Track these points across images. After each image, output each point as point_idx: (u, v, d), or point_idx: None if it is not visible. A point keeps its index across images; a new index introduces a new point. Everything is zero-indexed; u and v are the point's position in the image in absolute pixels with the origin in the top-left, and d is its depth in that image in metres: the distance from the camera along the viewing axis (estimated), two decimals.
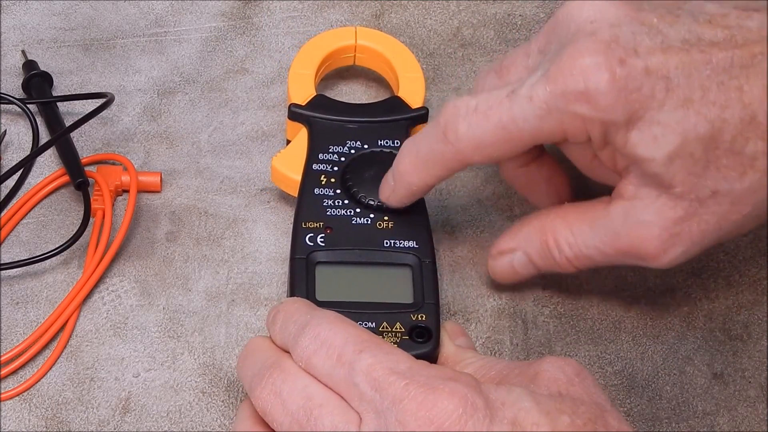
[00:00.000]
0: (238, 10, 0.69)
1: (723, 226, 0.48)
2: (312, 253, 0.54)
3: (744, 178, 0.47)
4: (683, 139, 0.46)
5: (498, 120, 0.49)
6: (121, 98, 0.64)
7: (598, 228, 0.51)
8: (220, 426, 0.52)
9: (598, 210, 0.51)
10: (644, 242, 0.49)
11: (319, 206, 0.55)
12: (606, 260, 0.52)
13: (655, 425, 0.52)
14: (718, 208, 0.48)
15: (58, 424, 0.52)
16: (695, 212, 0.48)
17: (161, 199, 0.60)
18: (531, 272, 0.54)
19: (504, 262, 0.55)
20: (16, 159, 0.62)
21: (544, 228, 0.53)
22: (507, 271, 0.55)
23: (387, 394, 0.42)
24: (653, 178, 0.48)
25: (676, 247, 0.49)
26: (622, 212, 0.50)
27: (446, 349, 0.51)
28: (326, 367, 0.44)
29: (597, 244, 0.51)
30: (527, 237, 0.53)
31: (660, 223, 0.49)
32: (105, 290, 0.57)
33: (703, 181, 0.47)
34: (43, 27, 0.68)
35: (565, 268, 0.53)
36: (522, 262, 0.54)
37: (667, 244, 0.49)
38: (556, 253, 0.52)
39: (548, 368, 0.45)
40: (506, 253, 0.54)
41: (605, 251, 0.51)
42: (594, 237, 0.51)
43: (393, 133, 0.58)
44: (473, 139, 0.50)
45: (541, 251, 0.53)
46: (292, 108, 0.59)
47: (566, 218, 0.52)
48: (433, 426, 0.41)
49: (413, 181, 0.53)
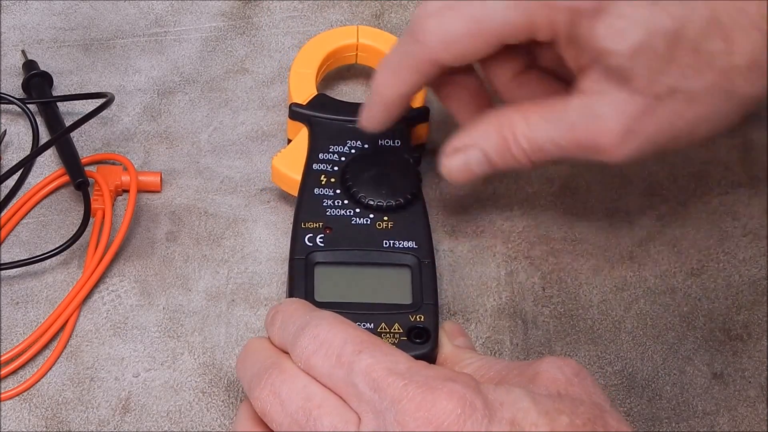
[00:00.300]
0: (238, 10, 0.69)
1: (677, 124, 0.49)
2: (311, 254, 0.54)
3: (701, 77, 0.48)
4: (648, 33, 0.47)
5: (468, 13, 0.50)
6: (121, 98, 0.64)
7: (555, 121, 0.51)
8: (220, 426, 0.52)
9: (557, 104, 0.51)
10: (600, 135, 0.50)
11: (318, 206, 0.55)
12: (562, 153, 0.51)
13: (655, 425, 0.52)
14: (675, 105, 0.48)
15: (58, 424, 0.52)
16: (652, 108, 0.49)
17: (161, 199, 0.60)
18: (485, 170, 0.53)
19: (459, 159, 0.53)
20: (16, 159, 0.62)
21: (501, 123, 0.52)
22: (461, 170, 0.54)
23: (386, 394, 0.42)
24: (615, 71, 0.48)
25: (632, 141, 0.50)
26: (580, 106, 0.50)
27: (445, 350, 0.51)
28: (325, 368, 0.44)
29: (553, 136, 0.51)
30: (484, 133, 0.53)
31: (617, 117, 0.49)
32: (105, 290, 0.57)
33: (663, 78, 0.48)
34: (43, 27, 0.68)
35: (521, 164, 0.52)
36: (478, 160, 0.53)
37: (623, 138, 0.49)
38: (513, 147, 0.52)
39: (547, 368, 0.45)
40: (461, 151, 0.53)
41: (561, 144, 0.51)
42: (551, 129, 0.51)
43: (393, 133, 0.58)
44: (443, 34, 0.50)
45: (498, 146, 0.52)
46: (293, 107, 0.59)
47: (524, 113, 0.52)
48: (431, 426, 0.41)
49: (387, 93, 0.53)
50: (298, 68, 0.61)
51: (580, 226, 0.59)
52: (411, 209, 0.55)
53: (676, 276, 0.57)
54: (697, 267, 0.58)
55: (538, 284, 0.57)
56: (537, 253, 0.58)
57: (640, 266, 0.58)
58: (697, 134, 0.50)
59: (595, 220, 0.60)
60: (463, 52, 0.51)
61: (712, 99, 0.49)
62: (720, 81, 0.48)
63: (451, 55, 0.51)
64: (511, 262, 0.58)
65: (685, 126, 0.49)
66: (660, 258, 0.58)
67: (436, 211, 0.60)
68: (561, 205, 0.60)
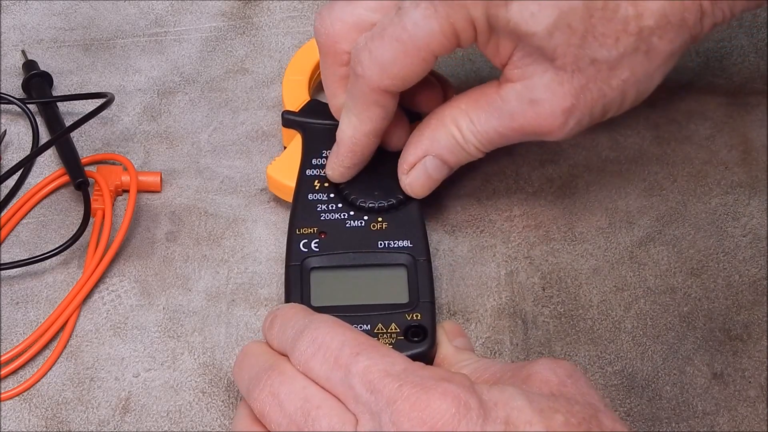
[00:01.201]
0: (238, 10, 0.69)
1: (607, 93, 0.51)
2: (306, 259, 0.54)
3: (618, 44, 0.49)
4: (560, 12, 0.49)
5: (392, 36, 0.51)
6: (121, 98, 0.64)
7: (493, 111, 0.53)
8: (220, 426, 0.52)
9: (489, 95, 0.53)
10: (540, 119, 0.52)
11: (312, 211, 0.55)
12: (508, 141, 0.54)
13: (655, 425, 0.52)
14: (600, 75, 0.50)
15: (58, 424, 0.52)
16: (580, 83, 0.51)
17: (161, 199, 0.60)
18: (444, 174, 0.55)
19: (418, 172, 0.55)
20: (16, 159, 0.62)
21: (444, 122, 0.54)
22: (423, 181, 0.55)
23: (381, 395, 0.42)
24: (537, 52, 0.50)
25: (570, 119, 0.52)
26: (513, 94, 0.52)
27: (444, 350, 0.51)
28: (323, 370, 0.44)
29: (496, 126, 0.53)
30: (431, 138, 0.55)
31: (551, 99, 0.51)
32: (105, 290, 0.57)
33: (583, 51, 0.49)
34: (43, 27, 0.68)
35: (473, 155, 0.55)
36: (435, 165, 0.55)
37: (562, 118, 0.52)
38: (462, 142, 0.54)
39: (540, 370, 0.45)
40: (417, 163, 0.55)
41: (505, 133, 0.53)
42: (492, 120, 0.53)
43: None
44: (377, 63, 0.51)
45: (450, 146, 0.54)
46: (285, 115, 0.59)
47: (461, 107, 0.54)
48: (426, 426, 0.41)
49: (351, 134, 0.54)
50: (290, 75, 0.61)
51: (580, 226, 0.59)
52: (404, 209, 0.55)
53: (676, 276, 0.57)
54: (697, 267, 0.58)
55: (538, 284, 0.57)
56: (537, 253, 0.58)
57: (640, 266, 0.58)
58: (628, 99, 0.52)
59: (595, 220, 0.60)
60: (402, 74, 0.52)
61: (633, 63, 0.50)
62: (636, 44, 0.50)
63: (392, 80, 0.52)
64: (511, 262, 0.58)
65: (614, 93, 0.51)
66: (660, 258, 0.58)
67: (435, 210, 0.60)
68: (561, 205, 0.60)
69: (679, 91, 0.65)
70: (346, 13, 0.54)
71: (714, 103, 0.64)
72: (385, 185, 0.56)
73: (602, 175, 0.61)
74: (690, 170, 0.62)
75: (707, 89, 0.65)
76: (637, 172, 0.61)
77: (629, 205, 0.60)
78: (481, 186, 0.61)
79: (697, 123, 0.64)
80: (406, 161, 0.55)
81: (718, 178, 0.61)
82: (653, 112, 0.64)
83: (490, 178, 0.61)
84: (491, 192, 0.61)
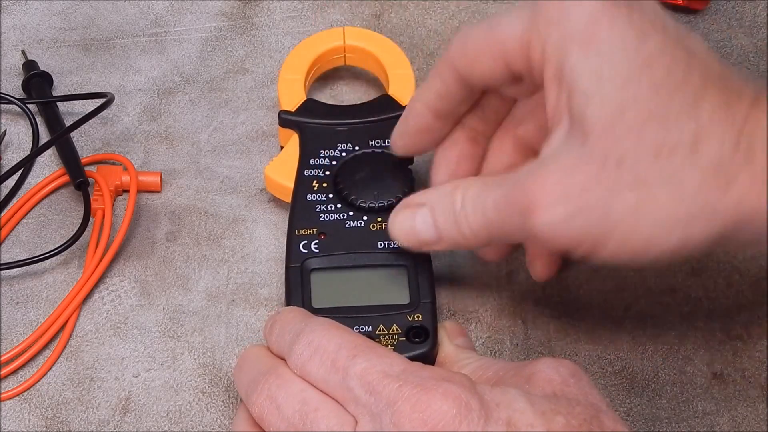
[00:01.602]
0: (238, 10, 0.69)
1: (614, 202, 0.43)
2: (306, 261, 0.54)
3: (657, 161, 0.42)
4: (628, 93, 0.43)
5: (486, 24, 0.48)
6: (121, 98, 0.64)
7: (505, 180, 0.46)
8: (220, 426, 0.52)
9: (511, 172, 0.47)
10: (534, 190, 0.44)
11: (312, 212, 0.55)
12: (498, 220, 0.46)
13: (655, 425, 0.52)
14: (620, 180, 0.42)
15: (58, 424, 0.52)
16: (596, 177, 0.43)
17: (161, 199, 0.60)
18: (430, 238, 0.49)
19: (405, 217, 0.50)
20: (16, 159, 0.62)
21: (455, 187, 0.49)
22: (406, 228, 0.50)
23: (381, 396, 0.42)
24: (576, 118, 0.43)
25: (560, 205, 0.43)
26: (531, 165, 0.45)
27: (445, 349, 0.51)
28: (321, 373, 0.44)
29: (494, 198, 0.46)
30: (439, 194, 0.49)
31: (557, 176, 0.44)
32: (105, 290, 0.57)
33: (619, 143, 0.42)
34: (43, 27, 0.68)
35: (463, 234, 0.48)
36: (424, 220, 0.49)
37: (553, 197, 0.43)
38: (457, 211, 0.48)
39: (543, 369, 0.45)
40: (411, 208, 0.50)
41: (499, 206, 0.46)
42: (495, 192, 0.47)
43: (383, 133, 0.58)
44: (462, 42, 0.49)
45: (445, 210, 0.48)
46: (282, 115, 0.59)
47: (479, 180, 0.49)
48: (427, 427, 0.41)
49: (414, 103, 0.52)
50: (286, 75, 0.61)
51: None
52: None
53: (676, 276, 0.57)
54: (698, 267, 0.58)
55: (538, 284, 0.57)
56: None
57: None
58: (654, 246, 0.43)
59: None
60: (476, 61, 0.48)
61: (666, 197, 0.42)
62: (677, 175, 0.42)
63: (466, 63, 0.49)
64: (511, 262, 0.58)
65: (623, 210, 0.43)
66: None
67: None
68: None
69: None
70: None
71: None
72: (384, 185, 0.56)
73: None
74: None
75: None
76: None
77: None
78: None
79: None
80: (406, 201, 0.51)
81: None
82: None
83: None
84: None
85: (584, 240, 0.44)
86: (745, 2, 0.68)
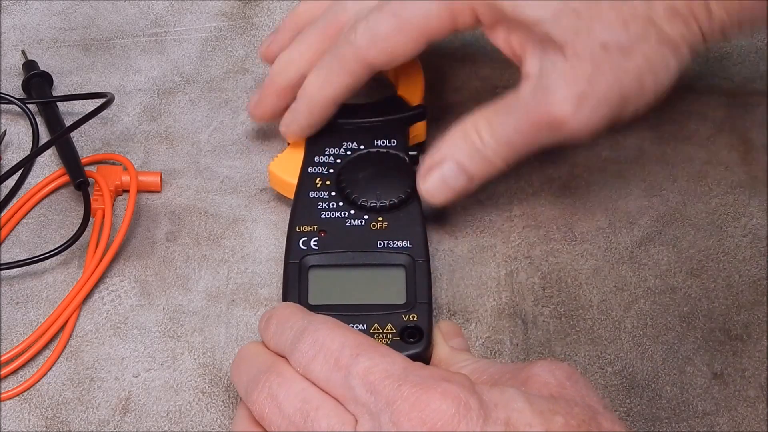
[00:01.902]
0: (238, 10, 0.69)
1: (622, 79, 0.51)
2: (305, 257, 0.54)
3: (628, 28, 0.50)
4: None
5: (391, 11, 0.52)
6: (121, 98, 0.64)
7: (511, 110, 0.53)
8: (220, 426, 0.52)
9: (510, 97, 0.53)
10: (554, 106, 0.51)
11: (313, 209, 0.55)
12: (525, 142, 0.53)
13: (655, 425, 0.52)
14: (612, 60, 0.50)
15: (58, 424, 0.52)
16: (593, 68, 0.50)
17: (161, 199, 0.60)
18: (463, 184, 0.54)
19: (435, 178, 0.55)
20: (16, 159, 0.62)
21: (466, 129, 0.54)
22: (440, 188, 0.55)
23: (381, 396, 0.42)
24: (547, 41, 0.51)
25: (585, 105, 0.51)
26: (530, 88, 0.52)
27: (440, 351, 0.51)
28: (324, 372, 0.44)
29: (514, 124, 0.53)
30: (452, 144, 0.54)
31: (565, 85, 0.51)
32: (105, 290, 0.57)
33: (593, 36, 0.50)
34: (43, 27, 0.68)
35: (494, 165, 0.54)
36: (453, 172, 0.54)
37: (577, 104, 0.51)
38: (482, 148, 0.53)
39: (539, 372, 0.45)
40: (435, 167, 0.54)
41: (522, 129, 0.52)
42: (509, 119, 0.53)
43: (389, 133, 0.58)
44: (370, 33, 0.53)
45: (469, 152, 0.54)
46: None
47: (483, 114, 0.54)
48: (426, 426, 0.41)
49: (316, 95, 0.55)
50: None
51: (580, 226, 0.59)
52: (406, 209, 0.55)
53: (676, 276, 0.57)
54: (697, 267, 0.58)
55: (538, 284, 0.57)
56: (537, 253, 0.58)
57: (640, 266, 0.58)
58: (647, 88, 0.52)
59: (595, 220, 0.60)
60: (391, 49, 0.53)
61: (645, 49, 0.50)
62: (646, 29, 0.50)
63: (379, 53, 0.53)
64: (511, 262, 0.58)
65: (630, 80, 0.51)
66: (660, 258, 0.58)
67: (435, 210, 0.59)
68: (561, 205, 0.60)
69: (679, 91, 0.65)
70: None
71: (714, 103, 0.64)
72: (386, 184, 0.56)
73: (602, 175, 0.61)
74: (690, 170, 0.62)
75: (707, 89, 0.65)
76: (637, 172, 0.61)
77: (629, 205, 0.60)
78: (481, 186, 0.61)
79: (697, 123, 0.64)
80: (426, 164, 0.55)
81: (718, 178, 0.61)
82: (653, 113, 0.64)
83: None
84: (491, 192, 0.61)
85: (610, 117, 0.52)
86: None
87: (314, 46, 0.57)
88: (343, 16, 0.56)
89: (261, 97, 0.59)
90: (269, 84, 0.59)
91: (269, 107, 0.59)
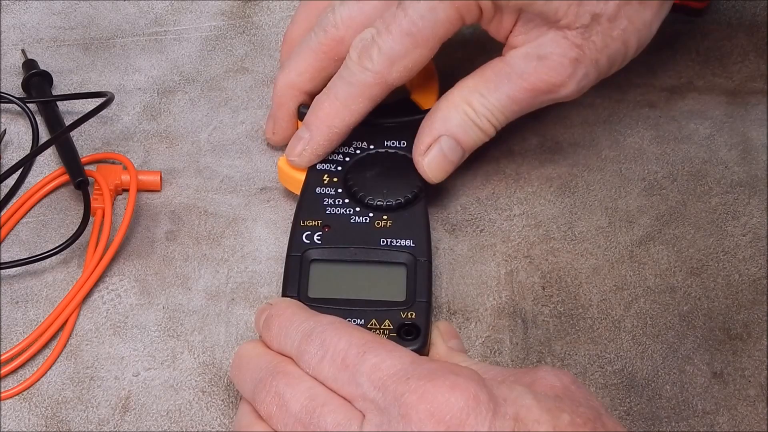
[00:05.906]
0: (238, 10, 0.69)
1: (610, 43, 0.54)
2: (307, 251, 0.54)
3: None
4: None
5: (401, 30, 0.53)
6: (121, 97, 0.64)
7: (502, 78, 0.55)
8: (220, 425, 0.52)
9: (496, 67, 0.55)
10: (550, 72, 0.54)
11: (318, 205, 0.56)
12: (520, 107, 0.55)
13: (655, 425, 0.52)
14: (601, 27, 0.53)
15: (57, 423, 0.52)
16: (584, 36, 0.53)
17: (161, 198, 0.60)
18: (459, 156, 0.56)
19: (433, 154, 0.56)
20: (15, 158, 0.62)
21: (455, 102, 0.55)
22: (439, 162, 0.56)
23: (389, 390, 0.42)
24: (539, 17, 0.53)
25: (578, 69, 0.54)
26: (520, 56, 0.54)
27: (438, 349, 0.51)
28: (331, 372, 0.44)
29: (507, 92, 0.55)
30: (444, 118, 0.56)
31: (558, 51, 0.54)
32: (105, 289, 0.57)
33: (583, 8, 0.52)
34: (43, 26, 0.68)
35: (488, 132, 0.56)
36: (450, 145, 0.56)
37: (570, 68, 0.54)
38: (475, 118, 0.55)
39: (545, 375, 0.45)
40: (433, 144, 0.56)
41: (517, 96, 0.55)
42: (502, 87, 0.55)
43: (400, 134, 0.58)
44: (386, 57, 0.54)
45: (463, 124, 0.55)
46: (301, 109, 0.59)
47: (469, 86, 0.55)
48: (434, 419, 0.41)
49: (335, 123, 0.56)
50: None
51: (580, 226, 0.59)
52: (411, 209, 0.55)
53: (676, 276, 0.57)
54: (697, 267, 0.58)
55: (538, 284, 0.57)
56: (537, 252, 0.58)
57: (640, 265, 0.58)
58: (630, 48, 0.55)
59: (595, 219, 0.60)
60: (411, 65, 0.54)
61: (629, 12, 0.54)
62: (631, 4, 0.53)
63: (400, 72, 0.54)
64: (511, 261, 0.58)
65: (617, 43, 0.54)
66: (660, 257, 0.58)
67: (436, 209, 0.60)
68: (561, 205, 0.60)
69: (679, 91, 0.65)
70: (355, 11, 0.56)
71: (714, 103, 0.64)
72: (393, 185, 0.56)
73: (602, 174, 0.61)
74: (690, 170, 0.62)
75: (707, 89, 0.65)
76: (637, 171, 0.62)
77: (629, 204, 0.60)
78: (481, 186, 0.61)
79: (697, 123, 0.64)
80: (422, 143, 0.56)
81: (718, 177, 0.61)
82: (653, 112, 0.64)
83: (490, 177, 0.61)
84: (491, 191, 0.61)
85: (599, 77, 0.55)
86: (745, 2, 0.69)
87: (310, 63, 0.58)
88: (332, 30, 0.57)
89: (276, 124, 0.60)
90: (279, 109, 0.59)
91: (288, 131, 0.60)
